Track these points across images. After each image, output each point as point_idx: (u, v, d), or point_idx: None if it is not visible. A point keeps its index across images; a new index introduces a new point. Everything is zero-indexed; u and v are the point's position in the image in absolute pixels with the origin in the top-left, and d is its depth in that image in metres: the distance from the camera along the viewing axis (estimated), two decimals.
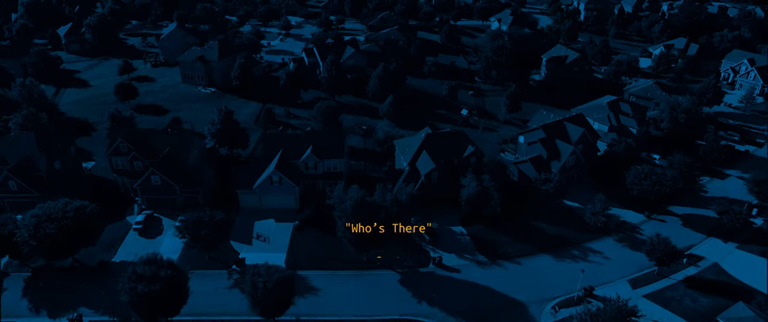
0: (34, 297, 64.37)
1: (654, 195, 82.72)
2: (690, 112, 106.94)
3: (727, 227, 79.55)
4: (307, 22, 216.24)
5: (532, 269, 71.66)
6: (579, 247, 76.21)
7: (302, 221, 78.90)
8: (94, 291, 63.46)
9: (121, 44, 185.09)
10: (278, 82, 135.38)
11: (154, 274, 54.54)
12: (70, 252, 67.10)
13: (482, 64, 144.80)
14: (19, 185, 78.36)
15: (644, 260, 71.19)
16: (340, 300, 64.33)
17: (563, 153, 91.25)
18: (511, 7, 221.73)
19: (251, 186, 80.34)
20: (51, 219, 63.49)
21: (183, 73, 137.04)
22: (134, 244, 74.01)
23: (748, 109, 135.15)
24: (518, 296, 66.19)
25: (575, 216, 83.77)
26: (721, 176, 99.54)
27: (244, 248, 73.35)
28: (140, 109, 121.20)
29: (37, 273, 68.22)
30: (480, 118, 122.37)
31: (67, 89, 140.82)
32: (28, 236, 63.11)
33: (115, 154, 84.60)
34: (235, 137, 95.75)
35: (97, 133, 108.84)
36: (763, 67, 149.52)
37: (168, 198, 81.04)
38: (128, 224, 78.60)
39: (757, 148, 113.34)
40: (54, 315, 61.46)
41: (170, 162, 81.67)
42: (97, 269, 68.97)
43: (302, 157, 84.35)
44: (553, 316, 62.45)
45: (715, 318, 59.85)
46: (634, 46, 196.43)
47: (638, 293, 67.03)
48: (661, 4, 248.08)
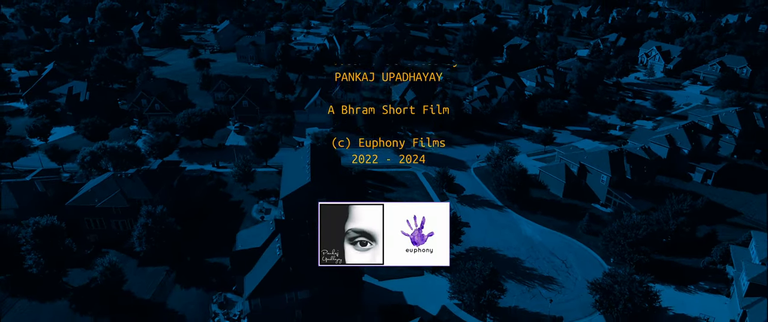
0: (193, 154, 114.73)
1: (552, 115, 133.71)
2: (592, 74, 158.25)
3: (593, 133, 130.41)
4: (324, 24, 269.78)
5: (470, 149, 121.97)
6: (502, 140, 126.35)
7: (335, 128, 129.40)
8: (223, 153, 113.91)
9: (180, 39, 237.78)
10: (308, 62, 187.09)
11: (262, 132, 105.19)
12: (205, 136, 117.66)
13: (455, 48, 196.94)
14: (161, 105, 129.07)
15: (538, 146, 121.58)
16: (358, 154, 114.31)
17: (499, 94, 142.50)
18: (487, 12, 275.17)
19: (303, 107, 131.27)
20: (196, 115, 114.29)
21: (239, 55, 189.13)
22: (235, 137, 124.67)
23: (649, 80, 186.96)
24: (460, 158, 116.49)
25: (503, 128, 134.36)
26: (608, 114, 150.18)
27: (301, 140, 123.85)
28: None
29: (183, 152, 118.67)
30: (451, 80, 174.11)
31: (152, 67, 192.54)
32: (181, 124, 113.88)
33: (217, 90, 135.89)
34: (287, 86, 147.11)
35: (189, 88, 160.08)
36: (666, 52, 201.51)
37: (250, 115, 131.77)
38: (228, 130, 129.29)
39: (643, 99, 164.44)
40: (204, 161, 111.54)
41: (251, 94, 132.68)
42: (219, 147, 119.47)
43: (333, 92, 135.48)
44: (477, 161, 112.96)
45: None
46: (583, 42, 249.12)
47: (530, 160, 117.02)
48: (612, 10, 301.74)
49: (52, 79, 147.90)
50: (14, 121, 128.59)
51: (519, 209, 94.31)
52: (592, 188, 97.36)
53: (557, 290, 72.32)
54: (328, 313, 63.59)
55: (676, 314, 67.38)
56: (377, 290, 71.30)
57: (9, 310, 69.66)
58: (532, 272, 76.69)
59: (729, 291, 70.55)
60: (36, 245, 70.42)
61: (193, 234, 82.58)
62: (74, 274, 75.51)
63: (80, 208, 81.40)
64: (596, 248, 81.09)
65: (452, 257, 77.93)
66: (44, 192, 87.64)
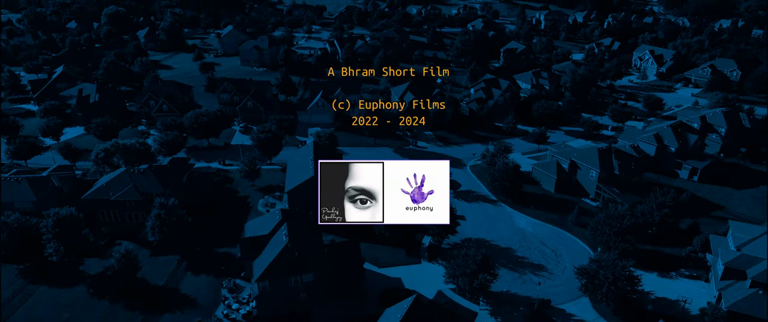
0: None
1: (545, 117, 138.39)
2: (585, 76, 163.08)
3: (585, 133, 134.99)
4: (325, 28, 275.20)
5: (467, 148, 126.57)
6: (497, 140, 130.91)
7: (336, 128, 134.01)
8: (229, 152, 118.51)
9: (184, 44, 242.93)
10: (309, 65, 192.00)
11: (266, 131, 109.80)
12: (211, 135, 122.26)
13: (453, 52, 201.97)
14: (169, 106, 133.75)
15: (532, 146, 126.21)
16: (359, 154, 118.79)
17: (495, 96, 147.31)
18: (484, 17, 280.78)
19: (306, 108, 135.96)
20: (203, 115, 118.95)
21: (242, 58, 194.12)
22: (240, 136, 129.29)
23: (642, 83, 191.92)
24: (457, 156, 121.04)
25: (499, 128, 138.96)
26: (600, 115, 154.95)
27: (303, 139, 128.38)
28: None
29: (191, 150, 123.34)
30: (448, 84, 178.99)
31: (158, 70, 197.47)
32: (189, 123, 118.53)
33: (223, 92, 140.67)
34: (290, 88, 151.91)
35: (194, 91, 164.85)
36: (659, 56, 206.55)
37: (255, 116, 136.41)
38: (234, 130, 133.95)
39: (635, 101, 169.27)
40: (211, 160, 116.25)
41: (256, 95, 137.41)
42: (225, 146, 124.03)
43: (333, 94, 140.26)
44: (473, 159, 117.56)
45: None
46: (579, 46, 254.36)
47: (525, 158, 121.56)
48: (607, 16, 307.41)
49: (61, 82, 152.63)
50: (26, 122, 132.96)
51: (512, 203, 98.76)
52: (582, 183, 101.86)
53: (547, 277, 76.66)
54: (331, 295, 68.02)
55: (658, 297, 71.71)
56: (377, 276, 75.69)
57: (30, 296, 73.94)
58: (524, 260, 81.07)
59: (708, 277, 74.93)
60: (56, 235, 74.93)
61: (202, 227, 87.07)
62: (90, 263, 79.92)
63: (95, 201, 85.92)
64: (585, 239, 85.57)
65: (448, 246, 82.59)
66: (60, 187, 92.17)
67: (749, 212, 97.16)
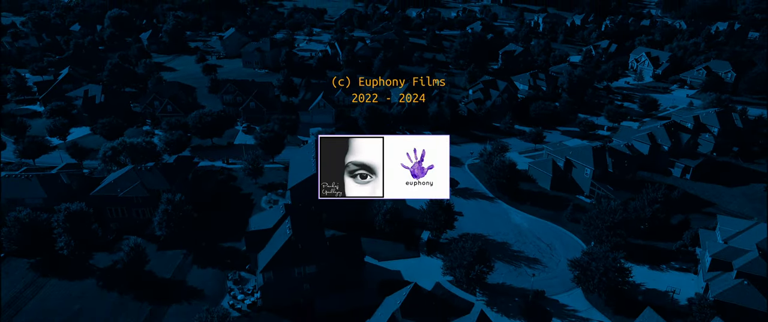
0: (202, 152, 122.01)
1: (542, 117, 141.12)
2: (581, 77, 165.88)
3: (581, 133, 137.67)
4: (325, 31, 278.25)
5: (465, 148, 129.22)
6: (495, 139, 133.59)
7: (337, 128, 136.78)
8: (232, 151, 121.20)
9: (187, 46, 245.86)
10: (310, 67, 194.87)
11: (269, 131, 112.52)
12: (214, 135, 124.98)
13: (452, 54, 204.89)
14: (174, 107, 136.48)
15: (529, 145, 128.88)
16: None
17: (493, 96, 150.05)
18: (483, 20, 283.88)
19: (307, 109, 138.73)
20: (207, 115, 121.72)
21: (244, 60, 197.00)
22: (243, 136, 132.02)
23: (639, 84, 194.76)
24: (455, 155, 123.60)
25: (497, 128, 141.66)
26: (597, 115, 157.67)
27: (305, 139, 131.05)
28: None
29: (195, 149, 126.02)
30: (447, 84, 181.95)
31: (161, 72, 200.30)
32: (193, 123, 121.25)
33: (226, 93, 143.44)
34: (291, 89, 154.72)
35: (198, 92, 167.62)
36: (655, 58, 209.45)
37: (257, 116, 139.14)
38: (236, 129, 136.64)
39: (631, 102, 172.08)
40: (214, 159, 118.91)
41: (258, 96, 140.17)
42: (229, 145, 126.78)
43: (335, 95, 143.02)
44: (471, 158, 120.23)
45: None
46: (576, 48, 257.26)
47: (522, 157, 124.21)
48: (605, 18, 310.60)
49: (67, 83, 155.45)
50: (33, 122, 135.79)
51: (509, 200, 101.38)
52: (577, 180, 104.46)
53: (542, 269, 79.22)
54: (333, 286, 70.59)
55: (648, 288, 74.25)
56: (377, 269, 78.26)
57: (41, 288, 76.47)
58: (520, 254, 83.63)
59: (696, 269, 77.48)
60: (67, 229, 77.58)
61: (206, 222, 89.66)
62: (99, 257, 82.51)
63: (104, 197, 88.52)
64: (579, 234, 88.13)
65: (446, 241, 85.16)
66: (69, 184, 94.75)
67: (740, 209, 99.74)
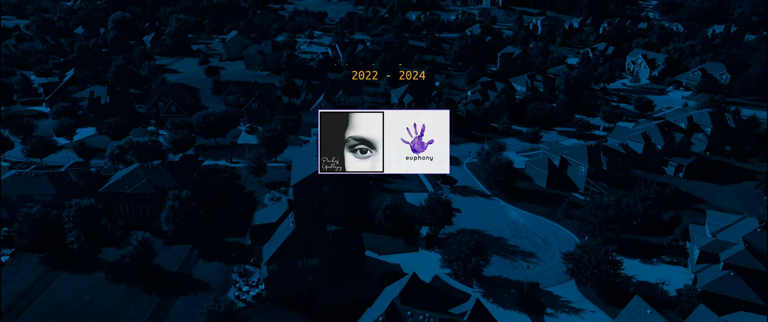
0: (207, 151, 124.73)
1: (539, 117, 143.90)
2: (578, 79, 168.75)
3: (578, 133, 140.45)
4: (326, 34, 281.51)
5: (464, 147, 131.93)
6: (493, 139, 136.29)
7: None
8: (235, 150, 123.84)
9: (189, 48, 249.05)
10: (312, 69, 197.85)
11: (272, 130, 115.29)
12: (218, 135, 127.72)
13: (452, 56, 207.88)
14: (177, 107, 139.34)
15: (526, 145, 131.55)
16: None
17: (491, 97, 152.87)
18: (482, 23, 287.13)
19: (308, 109, 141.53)
20: (211, 115, 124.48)
21: (246, 62, 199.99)
22: (246, 136, 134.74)
23: (635, 86, 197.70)
24: (454, 154, 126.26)
25: (494, 129, 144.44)
26: (593, 116, 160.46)
27: (306, 139, 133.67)
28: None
29: (199, 149, 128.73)
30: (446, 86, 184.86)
31: (164, 74, 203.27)
32: (197, 123, 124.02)
33: (229, 94, 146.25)
34: (293, 90, 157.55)
35: (201, 93, 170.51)
36: (651, 60, 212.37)
37: (260, 116, 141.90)
38: (239, 130, 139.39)
39: (627, 103, 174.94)
40: (218, 158, 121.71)
41: (261, 97, 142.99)
42: (232, 145, 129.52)
43: (336, 95, 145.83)
44: (469, 157, 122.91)
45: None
46: (574, 51, 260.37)
47: (519, 156, 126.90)
48: (603, 21, 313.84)
49: (72, 85, 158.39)
50: (39, 123, 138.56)
51: (506, 197, 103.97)
52: (572, 178, 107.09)
53: (537, 263, 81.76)
54: (335, 278, 73.14)
55: (639, 280, 76.77)
56: (377, 262, 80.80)
57: (52, 282, 78.99)
58: (515, 248, 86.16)
59: (686, 262, 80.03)
60: (77, 223, 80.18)
61: (211, 219, 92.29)
62: (107, 251, 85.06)
63: (112, 194, 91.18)
64: (573, 229, 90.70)
65: (444, 236, 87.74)
66: (77, 181, 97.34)
67: (730, 205, 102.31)
